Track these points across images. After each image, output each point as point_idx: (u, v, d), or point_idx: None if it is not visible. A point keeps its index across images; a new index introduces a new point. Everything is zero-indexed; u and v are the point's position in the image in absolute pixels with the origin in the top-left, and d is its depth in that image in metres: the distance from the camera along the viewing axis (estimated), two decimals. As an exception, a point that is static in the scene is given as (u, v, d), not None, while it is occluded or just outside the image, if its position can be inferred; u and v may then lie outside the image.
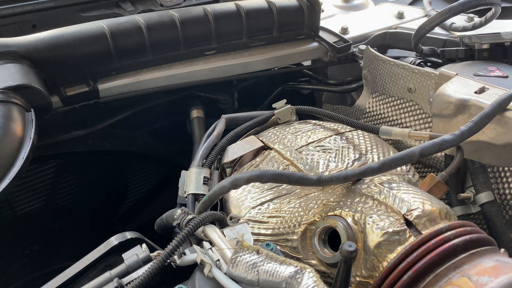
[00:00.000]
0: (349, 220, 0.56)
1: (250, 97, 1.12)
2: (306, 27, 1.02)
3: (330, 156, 0.70)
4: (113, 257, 0.60)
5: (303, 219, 0.60)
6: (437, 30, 1.01)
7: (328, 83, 1.11)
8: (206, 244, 0.52)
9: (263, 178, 0.57)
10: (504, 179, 0.75)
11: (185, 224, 0.57)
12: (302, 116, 0.89)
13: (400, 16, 1.16)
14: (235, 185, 0.58)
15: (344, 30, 1.09)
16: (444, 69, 0.82)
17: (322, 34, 1.05)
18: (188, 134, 0.97)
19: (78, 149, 0.91)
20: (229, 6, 0.95)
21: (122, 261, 0.56)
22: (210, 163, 0.74)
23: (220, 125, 0.82)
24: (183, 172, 0.74)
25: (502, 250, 0.53)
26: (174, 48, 0.89)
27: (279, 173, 0.57)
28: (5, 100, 0.68)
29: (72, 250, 0.68)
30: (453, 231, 0.51)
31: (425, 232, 0.52)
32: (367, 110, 0.98)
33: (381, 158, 0.65)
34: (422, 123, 0.88)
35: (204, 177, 0.71)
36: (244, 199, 0.67)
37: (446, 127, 0.75)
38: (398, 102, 0.92)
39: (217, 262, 0.49)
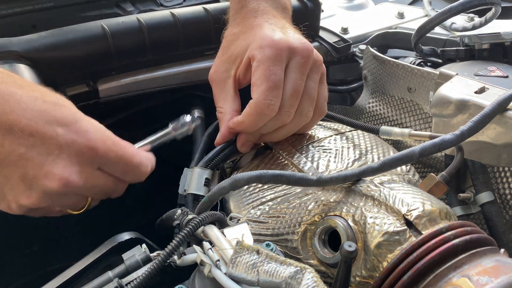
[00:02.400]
0: (349, 220, 0.56)
1: (250, 97, 1.12)
2: (306, 27, 1.02)
3: (330, 156, 0.70)
4: (113, 257, 0.60)
5: (303, 219, 0.60)
6: (437, 30, 1.01)
7: (328, 83, 1.11)
8: (206, 244, 0.52)
9: (263, 179, 0.57)
10: (504, 179, 0.75)
11: (185, 224, 0.57)
12: (302, 116, 0.89)
13: (400, 16, 1.16)
14: (235, 186, 0.58)
15: (344, 30, 1.09)
16: (444, 69, 0.82)
17: (322, 34, 1.05)
18: (188, 134, 0.97)
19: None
20: (229, 5, 0.95)
21: (122, 261, 0.57)
22: (214, 166, 0.74)
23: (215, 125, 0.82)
24: (185, 169, 0.74)
25: (502, 250, 0.52)
26: (174, 48, 0.89)
27: (279, 173, 0.57)
28: (5, 100, 0.68)
29: (72, 250, 0.68)
30: (453, 231, 0.51)
31: (425, 232, 0.52)
32: (367, 110, 0.98)
33: (381, 158, 0.65)
34: (422, 123, 0.88)
35: (206, 179, 0.71)
36: (244, 199, 0.67)
37: (446, 127, 0.75)
38: (398, 102, 0.92)
39: (217, 262, 0.49)
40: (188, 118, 0.71)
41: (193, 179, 0.71)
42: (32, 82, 0.59)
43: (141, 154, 0.62)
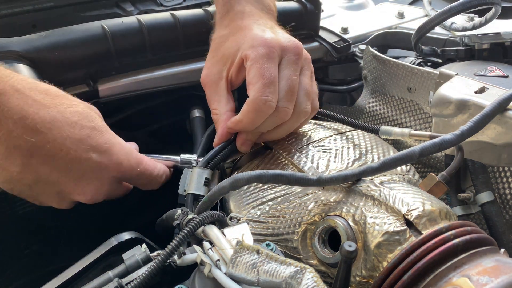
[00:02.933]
0: (349, 220, 0.56)
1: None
2: (306, 27, 1.02)
3: (330, 156, 0.70)
4: (113, 257, 0.60)
5: (303, 219, 0.60)
6: (437, 30, 1.01)
7: (328, 83, 1.11)
8: (206, 244, 0.52)
9: (263, 179, 0.57)
10: (504, 179, 0.75)
11: (185, 224, 0.57)
12: (302, 116, 0.89)
13: (400, 16, 1.16)
14: (235, 186, 0.58)
15: (344, 30, 1.09)
16: (444, 69, 0.81)
17: (322, 34, 1.05)
18: (188, 134, 0.97)
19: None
20: (230, 6, 0.95)
21: (122, 261, 0.56)
22: (214, 166, 0.74)
23: None
24: (185, 169, 0.74)
25: (502, 250, 0.52)
26: (174, 48, 0.89)
27: (279, 173, 0.57)
28: (5, 100, 0.68)
29: (72, 250, 0.68)
30: (453, 231, 0.51)
31: (425, 232, 0.52)
32: (367, 110, 0.98)
33: (381, 158, 0.65)
34: (422, 123, 0.88)
35: (205, 178, 0.71)
36: (244, 199, 0.67)
37: (446, 127, 0.75)
38: (398, 102, 0.92)
39: (217, 262, 0.49)
40: (194, 157, 0.77)
41: (193, 179, 0.71)
42: (69, 98, 0.64)
43: (159, 166, 0.71)
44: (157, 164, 0.71)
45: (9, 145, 0.56)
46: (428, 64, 0.96)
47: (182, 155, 0.77)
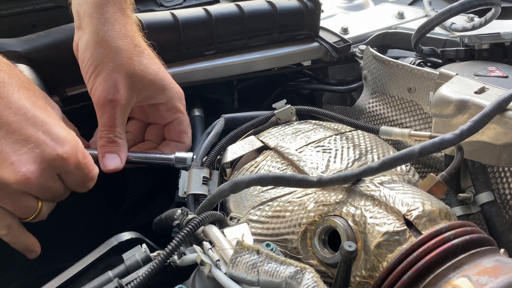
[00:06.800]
0: (349, 220, 0.56)
1: (250, 97, 1.12)
2: (306, 28, 1.02)
3: (330, 156, 0.70)
4: (113, 257, 0.60)
5: (303, 219, 0.60)
6: (437, 30, 1.01)
7: (328, 83, 1.11)
8: (206, 244, 0.52)
9: (263, 181, 0.57)
10: (504, 179, 0.75)
11: (185, 224, 0.57)
12: (302, 116, 0.89)
13: (400, 16, 1.16)
14: (235, 189, 0.58)
15: (344, 30, 1.10)
16: (444, 69, 0.82)
17: (322, 34, 1.05)
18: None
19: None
20: (230, 6, 0.95)
21: (122, 261, 0.57)
22: (209, 163, 0.74)
23: (218, 124, 0.82)
24: (183, 172, 0.74)
25: (502, 250, 0.53)
26: (174, 48, 0.89)
27: (279, 176, 0.57)
28: (5, 100, 0.68)
29: (72, 250, 0.68)
30: (453, 231, 0.51)
31: (425, 232, 0.52)
32: (367, 110, 0.98)
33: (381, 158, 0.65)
34: (422, 123, 0.88)
35: (204, 177, 0.71)
36: (244, 199, 0.67)
37: (446, 127, 0.75)
38: (398, 102, 0.92)
39: (217, 262, 0.49)
40: (190, 155, 0.76)
41: (191, 180, 0.71)
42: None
43: (97, 169, 0.67)
44: (96, 168, 0.67)
45: None
46: (428, 64, 0.96)
47: (177, 153, 0.77)
